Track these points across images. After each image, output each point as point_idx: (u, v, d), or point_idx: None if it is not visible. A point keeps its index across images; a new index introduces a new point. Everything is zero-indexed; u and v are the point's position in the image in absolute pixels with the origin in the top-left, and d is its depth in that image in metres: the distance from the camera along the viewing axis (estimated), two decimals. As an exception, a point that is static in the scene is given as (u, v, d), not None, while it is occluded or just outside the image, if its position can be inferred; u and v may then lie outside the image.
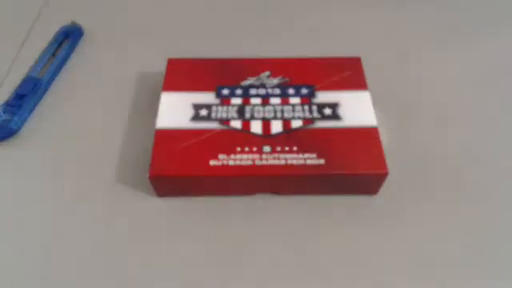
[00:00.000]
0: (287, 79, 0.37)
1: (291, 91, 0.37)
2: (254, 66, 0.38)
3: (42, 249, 0.32)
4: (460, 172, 0.36)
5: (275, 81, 0.37)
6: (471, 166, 0.37)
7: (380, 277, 0.31)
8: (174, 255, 0.32)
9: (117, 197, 0.34)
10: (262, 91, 0.37)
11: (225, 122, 0.34)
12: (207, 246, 0.32)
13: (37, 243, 0.32)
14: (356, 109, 0.35)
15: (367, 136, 0.34)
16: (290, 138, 0.33)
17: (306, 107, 0.35)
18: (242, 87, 0.37)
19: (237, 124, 0.34)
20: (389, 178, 0.32)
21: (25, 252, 0.32)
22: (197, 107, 0.35)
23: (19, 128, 0.39)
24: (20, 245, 0.32)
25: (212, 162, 0.32)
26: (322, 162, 0.32)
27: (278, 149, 0.33)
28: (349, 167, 0.32)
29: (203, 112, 0.35)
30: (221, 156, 0.32)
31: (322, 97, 0.36)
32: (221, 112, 0.35)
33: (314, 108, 0.35)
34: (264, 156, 0.32)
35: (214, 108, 0.35)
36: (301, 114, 0.35)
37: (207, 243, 0.32)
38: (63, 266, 0.31)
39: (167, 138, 0.33)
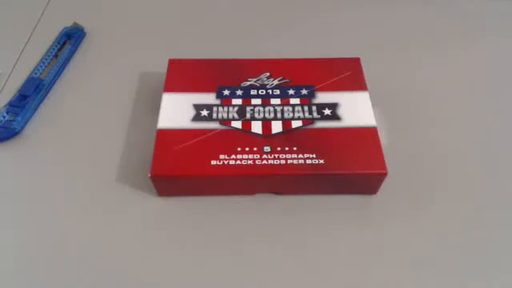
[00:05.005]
0: (287, 80, 0.38)
1: (291, 92, 0.37)
2: (254, 66, 0.39)
3: (43, 248, 0.32)
4: (459, 172, 0.36)
5: (275, 81, 0.38)
6: (470, 166, 0.37)
7: (380, 276, 0.31)
8: (174, 254, 0.32)
9: (117, 196, 0.35)
10: (262, 92, 0.37)
11: (225, 122, 0.35)
12: (207, 245, 0.32)
13: (38, 242, 0.32)
14: (355, 109, 0.35)
15: (367, 136, 0.34)
16: (290, 138, 0.34)
17: (306, 108, 0.36)
18: (242, 88, 0.37)
19: (237, 124, 0.35)
20: (388, 178, 0.33)
21: (26, 251, 0.32)
22: (198, 107, 0.36)
23: (22, 128, 0.39)
24: (21, 244, 0.32)
25: (213, 162, 0.32)
26: (321, 161, 0.32)
27: (278, 149, 0.33)
28: (348, 167, 0.32)
29: (204, 112, 0.35)
30: (221, 156, 0.33)
31: (322, 97, 0.36)
32: (221, 112, 0.35)
33: (314, 108, 0.36)
34: (264, 156, 0.33)
35: (214, 108, 0.36)
36: (301, 115, 0.35)
37: (207, 242, 0.32)
38: (63, 266, 0.31)
39: (168, 138, 0.34)
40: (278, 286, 0.30)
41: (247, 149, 0.33)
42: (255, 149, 0.33)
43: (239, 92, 0.37)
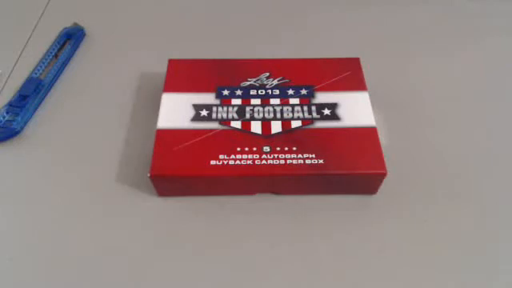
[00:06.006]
0: (287, 80, 0.38)
1: (291, 92, 0.37)
2: (253, 66, 0.39)
3: (43, 248, 0.32)
4: (459, 172, 0.36)
5: (275, 81, 0.38)
6: (470, 166, 0.37)
7: (380, 276, 0.31)
8: (174, 254, 0.32)
9: (117, 196, 0.35)
10: (261, 92, 0.37)
11: (225, 122, 0.35)
12: (207, 245, 0.32)
13: (38, 242, 0.32)
14: (355, 109, 0.35)
15: (366, 136, 0.34)
16: (289, 138, 0.34)
17: (306, 108, 0.36)
18: (242, 88, 0.37)
19: (237, 124, 0.35)
20: (387, 178, 0.33)
21: (26, 251, 0.32)
22: (197, 108, 0.36)
23: (22, 128, 0.39)
24: (21, 244, 0.32)
25: (212, 162, 0.32)
26: (321, 161, 0.32)
27: (278, 149, 0.33)
28: (348, 167, 0.32)
29: (203, 112, 0.35)
30: (221, 156, 0.33)
31: (322, 97, 0.36)
32: (221, 112, 0.35)
33: (314, 108, 0.36)
34: (264, 156, 0.33)
35: (214, 108, 0.36)
36: (300, 115, 0.35)
37: (207, 242, 0.32)
38: (63, 266, 0.31)
39: (168, 138, 0.34)
40: (278, 285, 0.30)
41: (247, 149, 0.33)
42: (255, 149, 0.33)
43: (239, 92, 0.37)
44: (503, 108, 0.41)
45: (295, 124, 0.35)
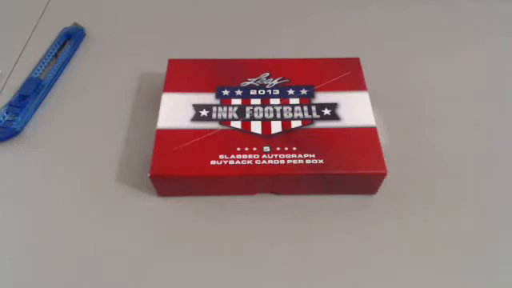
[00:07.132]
0: (287, 80, 0.38)
1: (291, 92, 0.37)
2: (253, 66, 0.39)
3: (43, 248, 0.32)
4: (459, 172, 0.36)
5: (275, 81, 0.38)
6: (470, 166, 0.37)
7: (380, 276, 0.31)
8: (174, 254, 0.32)
9: (117, 196, 0.35)
10: (261, 92, 0.37)
11: (225, 122, 0.35)
12: (207, 245, 0.32)
13: (38, 243, 0.32)
14: (355, 109, 0.35)
15: (366, 136, 0.34)
16: (289, 138, 0.34)
17: (306, 108, 0.36)
18: (242, 88, 0.37)
19: (237, 124, 0.35)
20: (387, 178, 0.33)
21: (26, 251, 0.32)
22: (197, 108, 0.36)
23: (22, 128, 0.39)
24: (21, 244, 0.32)
25: (212, 162, 0.32)
26: (321, 161, 0.32)
27: (278, 149, 0.33)
28: (348, 167, 0.32)
29: (203, 112, 0.35)
30: (221, 156, 0.33)
31: (322, 97, 0.36)
32: (221, 112, 0.35)
33: (314, 108, 0.36)
34: (264, 156, 0.33)
35: (214, 108, 0.36)
36: (300, 115, 0.35)
37: (207, 243, 0.32)
38: (63, 266, 0.31)
39: (168, 138, 0.34)
40: (278, 285, 0.30)
41: (247, 149, 0.33)
42: (255, 149, 0.33)
43: (239, 92, 0.37)
44: (503, 108, 0.41)
45: (295, 124, 0.35)
